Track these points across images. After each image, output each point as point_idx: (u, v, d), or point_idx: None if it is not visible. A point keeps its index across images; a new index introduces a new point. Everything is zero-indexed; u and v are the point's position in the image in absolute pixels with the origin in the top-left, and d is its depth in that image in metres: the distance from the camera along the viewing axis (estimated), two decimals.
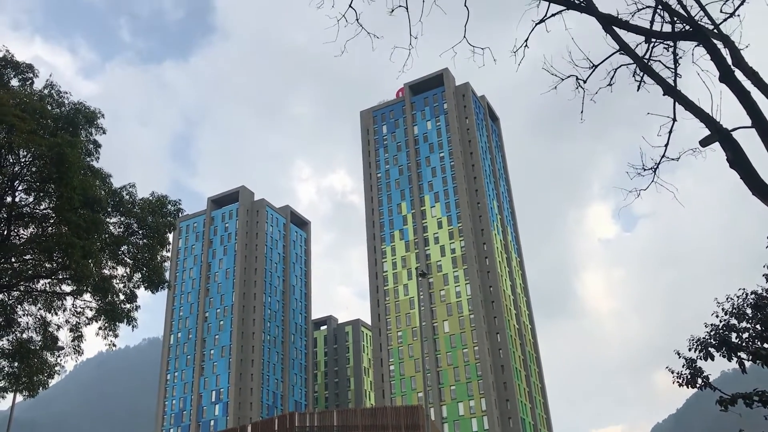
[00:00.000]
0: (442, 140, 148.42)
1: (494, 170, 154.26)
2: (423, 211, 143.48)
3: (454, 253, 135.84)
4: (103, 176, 28.70)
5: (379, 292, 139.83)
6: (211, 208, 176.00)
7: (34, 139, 24.22)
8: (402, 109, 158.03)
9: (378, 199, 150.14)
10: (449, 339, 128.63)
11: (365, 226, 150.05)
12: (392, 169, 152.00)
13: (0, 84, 27.27)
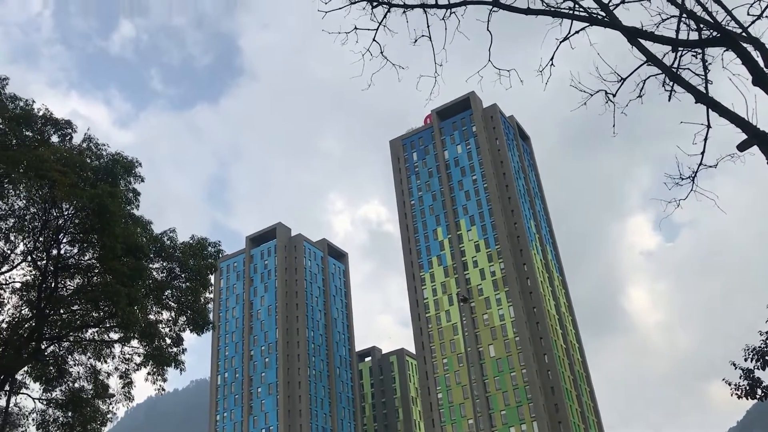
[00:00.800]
0: (473, 163, 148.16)
1: (528, 189, 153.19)
2: (459, 236, 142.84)
3: (494, 275, 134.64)
4: (144, 223, 29.28)
5: (421, 320, 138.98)
6: (249, 247, 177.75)
7: (76, 192, 24.86)
8: (431, 135, 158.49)
9: (413, 227, 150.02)
10: (496, 363, 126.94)
11: (402, 254, 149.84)
12: (425, 196, 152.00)
13: (41, 141, 28.11)
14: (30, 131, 28.09)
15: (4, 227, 27.96)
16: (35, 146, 27.02)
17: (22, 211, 27.65)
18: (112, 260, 25.94)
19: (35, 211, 27.74)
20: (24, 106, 28.14)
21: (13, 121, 27.40)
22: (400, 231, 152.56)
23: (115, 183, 27.92)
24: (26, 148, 26.48)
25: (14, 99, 28.09)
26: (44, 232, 27.95)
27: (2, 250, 28.60)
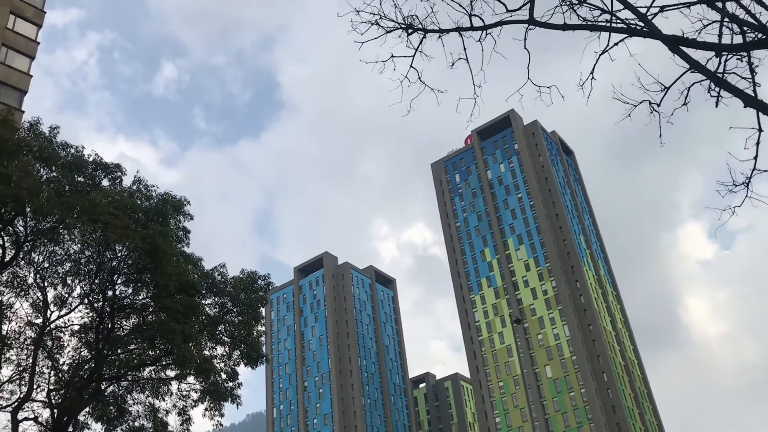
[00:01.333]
0: (517, 181, 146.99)
1: (576, 205, 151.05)
2: (508, 255, 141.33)
3: (546, 294, 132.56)
4: (195, 260, 29.78)
5: (473, 344, 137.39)
6: (298, 278, 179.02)
7: (128, 234, 25.46)
8: (472, 156, 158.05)
9: (460, 249, 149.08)
10: (553, 384, 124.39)
11: (450, 277, 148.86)
12: (470, 217, 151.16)
13: (93, 186, 28.94)
14: (82, 177, 28.97)
15: (61, 272, 28.78)
16: (87, 191, 27.82)
17: (78, 255, 28.44)
18: (165, 298, 26.41)
19: (90, 255, 28.49)
20: (75, 152, 29.09)
21: (65, 168, 28.32)
22: (447, 254, 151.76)
23: (165, 222, 28.52)
24: (79, 193, 27.29)
25: (65, 146, 29.06)
26: (99, 274, 28.64)
27: (60, 294, 29.39)
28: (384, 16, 11.33)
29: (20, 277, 28.99)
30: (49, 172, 28.27)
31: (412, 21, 11.38)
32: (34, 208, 25.78)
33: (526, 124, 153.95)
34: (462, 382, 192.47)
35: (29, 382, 27.19)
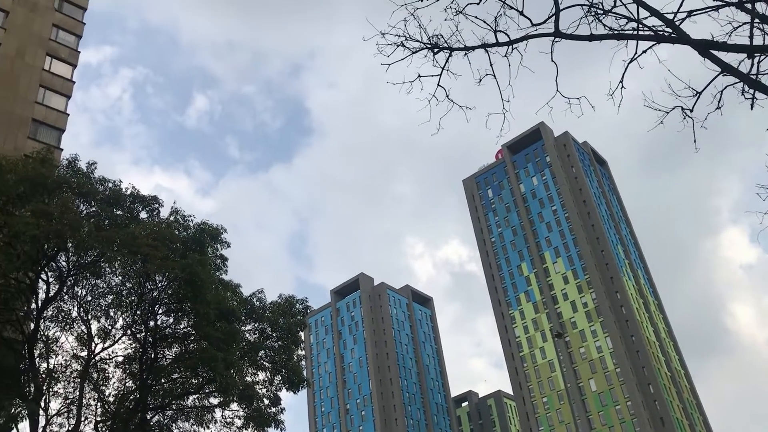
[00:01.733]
0: (551, 194, 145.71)
1: (612, 215, 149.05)
2: (545, 269, 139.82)
3: (586, 307, 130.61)
4: (233, 287, 30.12)
5: (515, 360, 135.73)
6: (335, 300, 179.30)
7: (167, 264, 25.87)
8: (504, 170, 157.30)
9: (496, 264, 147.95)
10: (598, 398, 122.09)
11: (488, 293, 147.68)
12: (505, 232, 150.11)
13: (131, 218, 29.52)
14: (120, 210, 29.58)
15: (103, 304, 29.33)
16: (126, 224, 28.39)
17: (119, 287, 28.96)
18: (206, 326, 26.70)
19: (131, 286, 29.00)
20: (113, 187, 29.75)
21: (104, 203, 28.96)
22: (484, 270, 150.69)
23: (203, 251, 28.92)
24: (118, 226, 27.85)
25: (103, 181, 29.74)
26: (141, 305, 29.11)
27: (104, 327, 29.93)
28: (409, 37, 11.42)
29: (65, 311, 29.62)
30: (88, 207, 28.93)
31: (438, 40, 11.45)
32: (76, 243, 26.38)
33: (556, 136, 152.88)
34: (505, 399, 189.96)
35: (77, 414, 27.63)
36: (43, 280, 28.56)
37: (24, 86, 44.27)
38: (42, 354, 28.98)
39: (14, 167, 27.73)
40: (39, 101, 44.47)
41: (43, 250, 27.04)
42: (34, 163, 29.13)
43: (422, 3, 11.07)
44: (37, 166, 28.44)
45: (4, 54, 44.52)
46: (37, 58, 46.10)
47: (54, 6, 49.27)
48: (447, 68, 11.56)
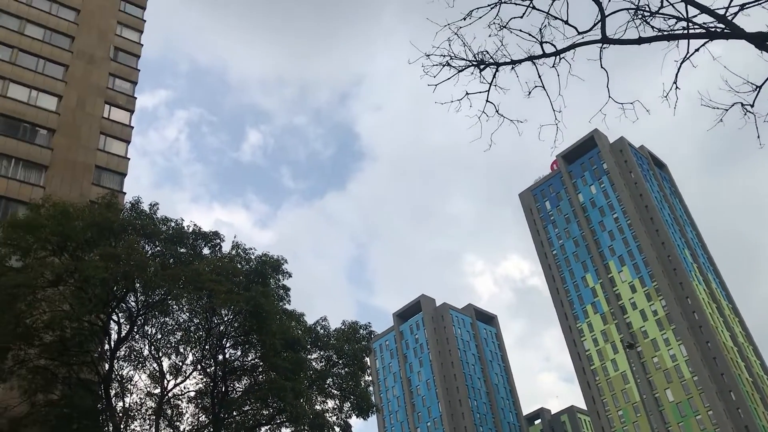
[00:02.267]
0: (611, 201, 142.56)
1: (676, 218, 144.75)
2: (611, 279, 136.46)
3: (656, 315, 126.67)
4: (297, 316, 30.41)
5: (586, 374, 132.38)
6: (398, 323, 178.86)
7: (232, 298, 26.33)
8: (560, 181, 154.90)
9: (560, 277, 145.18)
10: (676, 408, 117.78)
11: (554, 307, 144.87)
12: (567, 243, 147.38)
13: (195, 255, 30.22)
14: (184, 248, 30.33)
15: (173, 341, 29.99)
16: (190, 261, 29.06)
17: (187, 323, 29.60)
18: (273, 357, 26.99)
19: (198, 322, 29.60)
20: (175, 225, 30.56)
21: (168, 242, 29.75)
22: (547, 284, 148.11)
23: (265, 283, 29.34)
24: (183, 264, 28.53)
25: (166, 221, 30.58)
26: (209, 339, 29.65)
27: (175, 363, 30.56)
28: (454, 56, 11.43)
29: (137, 350, 30.41)
30: (153, 247, 29.76)
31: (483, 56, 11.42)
32: (143, 283, 27.13)
33: (612, 142, 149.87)
34: (579, 415, 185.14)
35: None
36: (115, 321, 29.43)
37: (86, 135, 46.05)
38: (118, 393, 29.75)
39: (81, 214, 28.80)
40: (101, 148, 46.14)
41: (112, 292, 27.89)
42: (99, 208, 30.21)
43: (465, 21, 11.08)
44: (102, 210, 29.47)
45: (65, 105, 46.48)
46: (96, 107, 47.95)
47: (109, 56, 51.28)
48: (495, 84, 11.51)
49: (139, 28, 55.26)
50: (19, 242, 27.91)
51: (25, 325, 26.55)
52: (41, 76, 46.78)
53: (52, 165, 43.07)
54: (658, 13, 10.35)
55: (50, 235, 27.78)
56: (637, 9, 10.41)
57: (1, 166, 41.34)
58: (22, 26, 48.42)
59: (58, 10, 51.14)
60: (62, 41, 49.81)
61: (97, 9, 53.28)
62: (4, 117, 43.41)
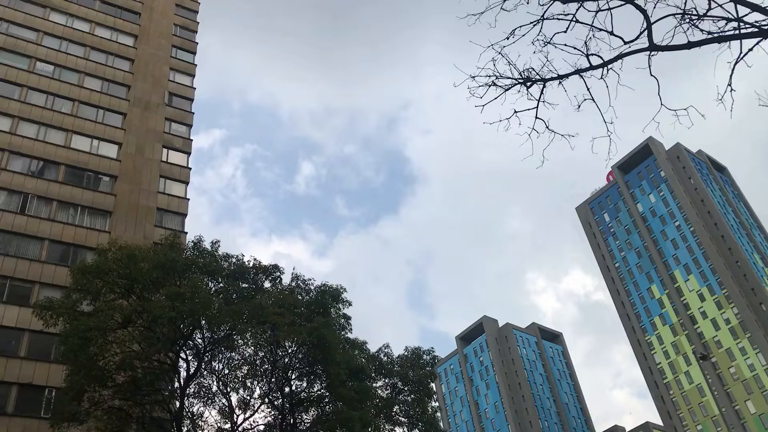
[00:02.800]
0: (671, 209, 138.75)
1: (741, 222, 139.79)
2: (678, 289, 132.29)
3: (729, 323, 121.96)
4: (360, 345, 30.48)
5: (659, 388, 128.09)
6: (461, 346, 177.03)
7: (295, 330, 26.62)
8: (618, 192, 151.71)
9: (624, 290, 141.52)
10: (759, 420, 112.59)
11: (620, 321, 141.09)
12: (629, 255, 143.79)
13: (256, 289, 30.73)
14: (245, 283, 30.91)
15: (240, 376, 30.41)
16: (252, 295, 29.56)
17: (253, 357, 30.01)
18: (339, 387, 27.06)
19: (263, 355, 29.96)
20: (236, 261, 31.20)
21: (230, 278, 30.36)
22: (612, 297, 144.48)
23: (326, 313, 29.57)
24: (245, 299, 29.05)
25: (227, 257, 31.24)
26: (275, 372, 29.94)
27: (243, 397, 30.94)
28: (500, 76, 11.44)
29: (205, 386, 30.94)
30: (216, 284, 30.41)
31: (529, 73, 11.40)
32: (209, 320, 27.68)
33: (668, 149, 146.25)
34: (655, 431, 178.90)
35: None
36: (183, 358, 30.05)
37: (146, 179, 47.61)
38: (189, 430, 30.24)
39: (146, 255, 29.69)
40: (161, 191, 47.61)
41: (179, 330, 28.54)
42: (163, 249, 31.10)
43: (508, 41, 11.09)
44: (166, 251, 30.32)
45: (125, 152, 48.22)
46: (155, 152, 49.59)
47: (164, 101, 53.08)
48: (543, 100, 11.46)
49: (191, 73, 57.11)
50: (89, 287, 28.91)
51: (99, 367, 27.37)
52: (101, 126, 48.73)
53: (116, 210, 44.61)
54: (706, 15, 10.18)
55: (118, 278, 28.70)
56: (684, 13, 10.25)
57: (68, 215, 43.02)
58: (81, 79, 50.63)
59: (114, 61, 53.33)
60: (119, 90, 51.86)
61: (150, 58, 55.35)
62: (69, 167, 45.28)
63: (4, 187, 42.08)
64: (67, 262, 40.02)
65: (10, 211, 41.17)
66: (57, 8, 53.73)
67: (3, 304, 37.21)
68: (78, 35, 53.06)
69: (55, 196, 43.28)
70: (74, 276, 29.73)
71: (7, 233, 40.26)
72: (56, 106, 48.04)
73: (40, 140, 45.48)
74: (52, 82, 49.06)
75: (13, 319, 36.75)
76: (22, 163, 43.97)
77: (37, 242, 40.80)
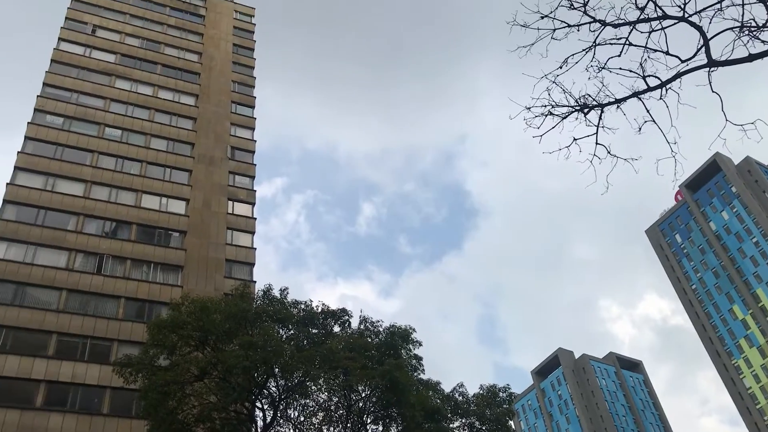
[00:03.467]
0: (747, 225, 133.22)
1: None
2: (762, 308, 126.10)
3: None
4: (434, 385, 30.12)
5: (752, 414, 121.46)
6: (537, 381, 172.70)
7: (367, 373, 26.53)
8: (688, 211, 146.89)
9: (704, 312, 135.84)
10: None
11: (702, 345, 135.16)
12: (706, 276, 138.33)
13: (326, 334, 30.87)
14: (315, 328, 31.12)
15: (316, 422, 30.39)
16: (323, 341, 29.70)
17: (327, 403, 29.98)
18: (415, 429, 26.72)
19: (338, 400, 29.91)
20: (305, 307, 31.50)
21: (300, 324, 30.63)
22: (692, 321, 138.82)
23: (397, 354, 29.39)
24: (316, 344, 29.20)
25: (296, 304, 31.58)
26: (350, 417, 29.81)
27: None
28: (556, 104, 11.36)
29: None
30: (287, 331, 30.72)
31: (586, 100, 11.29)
32: (282, 367, 27.91)
33: (737, 163, 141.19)
34: None
35: None
36: (259, 408, 30.29)
37: (214, 232, 48.90)
38: None
39: (218, 307, 30.31)
40: (229, 242, 48.76)
41: (254, 380, 28.84)
42: (234, 299, 31.71)
43: (561, 69, 11.04)
44: (237, 302, 30.89)
45: (193, 207, 49.74)
46: (221, 205, 50.99)
47: (227, 156, 54.74)
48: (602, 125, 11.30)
49: (250, 126, 58.84)
50: (165, 342, 29.64)
51: (178, 420, 27.84)
52: (169, 184, 50.49)
53: (187, 264, 45.87)
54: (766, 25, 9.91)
55: (192, 331, 29.34)
56: (742, 26, 10.01)
57: (142, 272, 44.45)
58: (148, 141, 52.76)
59: (178, 121, 55.43)
60: (184, 149, 53.78)
61: (212, 115, 57.33)
62: (140, 226, 46.94)
63: (81, 249, 43.86)
64: (143, 318, 41.23)
65: (87, 272, 42.81)
66: (122, 75, 56.41)
67: (85, 362, 38.48)
68: (142, 99, 55.47)
69: (128, 254, 44.84)
70: (150, 332, 30.55)
71: (85, 293, 41.81)
72: (126, 168, 50.08)
73: (112, 202, 47.37)
74: (121, 145, 51.27)
75: (95, 377, 37.92)
76: (96, 225, 45.83)
77: (113, 301, 42.22)
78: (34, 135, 48.97)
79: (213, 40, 64.49)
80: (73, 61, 55.33)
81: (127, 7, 62.66)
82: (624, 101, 11.11)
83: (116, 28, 60.07)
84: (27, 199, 45.00)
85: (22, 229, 43.23)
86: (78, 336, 39.59)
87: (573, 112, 11.32)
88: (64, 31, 57.48)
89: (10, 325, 38.54)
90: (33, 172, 46.74)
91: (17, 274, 40.88)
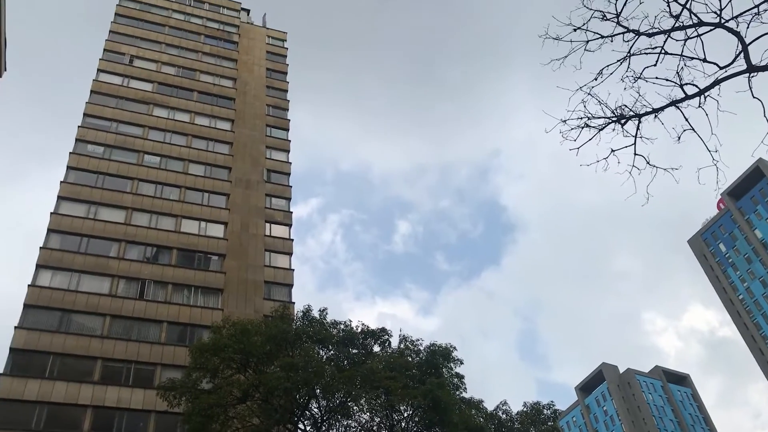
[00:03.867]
0: None
1: None
2: None
3: None
4: (476, 403, 29.77)
5: None
6: (581, 397, 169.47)
7: (409, 393, 26.34)
8: (731, 220, 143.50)
9: (753, 323, 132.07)
10: None
11: (753, 358, 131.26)
12: (753, 285, 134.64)
13: (366, 354, 30.77)
14: (355, 348, 31.05)
15: None
16: (363, 360, 29.61)
17: (369, 423, 29.82)
18: None
19: (380, 420, 29.74)
20: (344, 328, 31.48)
21: (340, 344, 30.61)
22: (740, 332, 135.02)
23: (439, 373, 29.16)
24: (356, 364, 29.12)
25: (335, 324, 31.59)
26: None
27: None
28: (592, 116, 11.24)
29: None
30: (327, 352, 30.72)
31: (622, 111, 11.15)
32: (323, 388, 27.88)
33: None
34: None
35: None
36: (301, 429, 30.26)
37: (252, 254, 49.37)
38: None
39: (258, 329, 30.49)
40: (267, 264, 49.16)
41: (296, 401, 28.86)
42: (274, 321, 31.87)
43: (596, 81, 10.93)
44: (277, 323, 31.04)
45: (231, 230, 50.32)
46: (258, 227, 51.51)
47: (264, 179, 55.36)
48: (640, 135, 11.13)
49: (285, 149, 59.48)
50: (207, 365, 29.88)
51: None
52: (207, 208, 51.19)
53: (227, 287, 46.33)
54: None
55: (233, 353, 29.53)
56: None
57: (183, 296, 45.00)
58: (186, 166, 53.63)
59: (214, 146, 56.29)
60: (221, 173, 54.54)
61: (247, 139, 58.13)
62: (180, 250, 47.60)
63: (123, 275, 44.62)
64: (184, 342, 41.68)
65: (130, 298, 43.51)
66: (159, 103, 57.58)
67: (129, 387, 39.00)
68: (180, 126, 56.51)
69: (169, 279, 45.46)
70: (193, 355, 30.84)
71: (128, 319, 42.46)
72: (165, 194, 50.95)
73: (153, 228, 48.18)
74: (160, 172, 52.22)
75: (139, 401, 38.39)
76: (137, 250, 46.62)
77: (156, 325, 42.79)
78: (76, 164, 50.16)
79: (247, 66, 65.57)
80: (112, 91, 56.69)
81: (163, 36, 64.09)
82: (662, 110, 10.93)
83: (153, 58, 61.43)
84: (70, 227, 46.02)
85: (66, 257, 44.18)
86: (122, 361, 40.18)
87: (610, 124, 11.18)
88: (103, 62, 58.98)
89: (57, 352, 39.28)
90: (75, 200, 47.83)
91: (62, 302, 41.73)
